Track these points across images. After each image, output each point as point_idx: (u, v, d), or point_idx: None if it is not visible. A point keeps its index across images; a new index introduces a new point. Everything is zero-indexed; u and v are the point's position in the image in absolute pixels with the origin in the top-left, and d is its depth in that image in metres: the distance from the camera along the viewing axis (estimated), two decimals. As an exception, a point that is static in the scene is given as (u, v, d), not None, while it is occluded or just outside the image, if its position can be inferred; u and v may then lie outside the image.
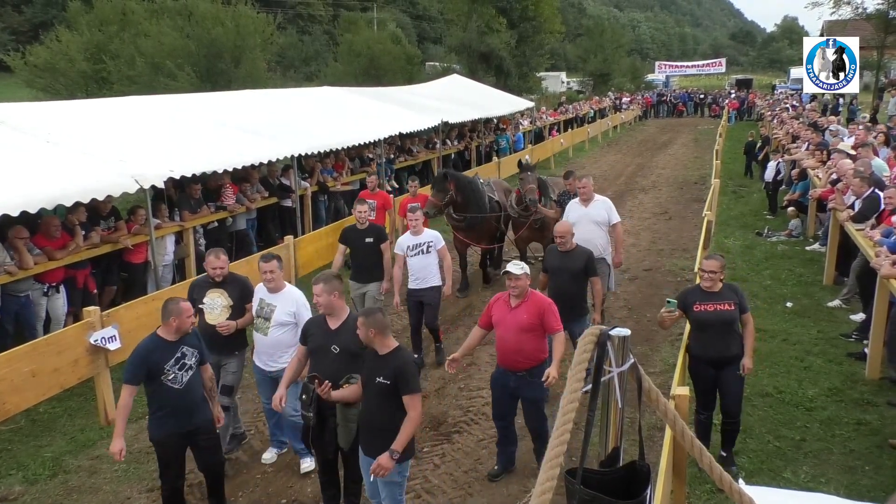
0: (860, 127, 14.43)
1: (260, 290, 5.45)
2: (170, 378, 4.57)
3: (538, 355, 5.18)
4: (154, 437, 4.71)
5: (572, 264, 6.43)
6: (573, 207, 7.93)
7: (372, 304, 7.12)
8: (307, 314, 5.28)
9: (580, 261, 6.43)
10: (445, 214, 9.66)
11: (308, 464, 5.53)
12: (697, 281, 5.42)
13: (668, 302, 5.12)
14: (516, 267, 5.16)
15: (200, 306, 5.43)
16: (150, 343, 4.63)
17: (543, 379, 4.99)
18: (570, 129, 27.66)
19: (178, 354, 4.61)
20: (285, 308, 5.31)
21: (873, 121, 20.34)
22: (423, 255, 7.30)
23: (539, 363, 5.18)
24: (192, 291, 5.64)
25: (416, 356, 6.65)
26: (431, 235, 7.41)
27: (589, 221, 7.67)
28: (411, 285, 7.36)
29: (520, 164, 9.76)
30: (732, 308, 5.12)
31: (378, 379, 4.16)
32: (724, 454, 5.32)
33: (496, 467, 5.58)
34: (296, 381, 4.86)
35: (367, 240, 7.52)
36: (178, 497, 4.88)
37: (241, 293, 5.56)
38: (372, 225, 7.66)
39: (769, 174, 14.84)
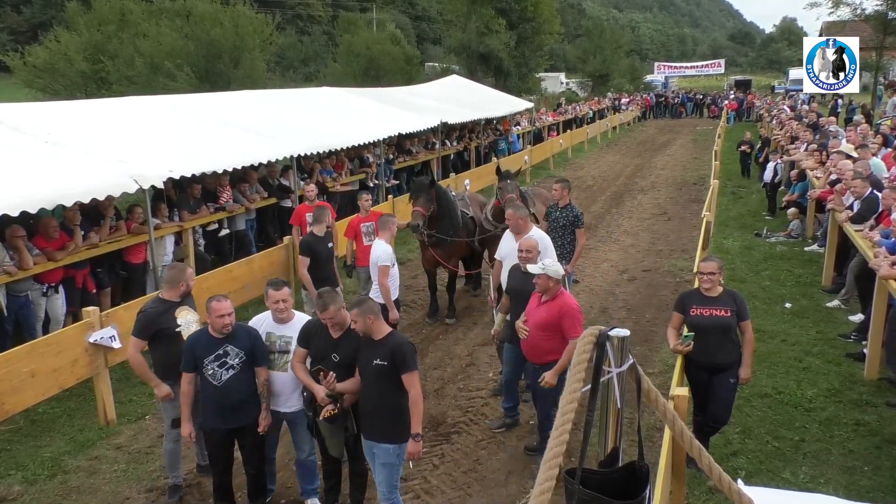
0: (858, 129, 14.45)
1: (265, 323, 4.89)
2: (208, 373, 4.60)
3: (553, 356, 5.18)
4: (201, 427, 4.75)
5: (532, 286, 5.61)
6: (506, 239, 6.94)
7: None
8: None
9: None
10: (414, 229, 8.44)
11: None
12: (696, 284, 5.40)
13: (686, 336, 5.04)
14: (536, 268, 5.28)
15: (178, 329, 5.03)
16: (197, 335, 4.72)
17: (539, 380, 5.17)
18: (569, 130, 27.67)
19: (220, 352, 4.60)
20: None
21: (868, 121, 20.32)
22: (396, 264, 7.36)
23: (553, 363, 5.20)
24: (154, 321, 5.01)
25: None
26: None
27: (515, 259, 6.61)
28: (396, 295, 7.12)
29: (498, 170, 8.71)
30: (729, 315, 5.05)
31: (376, 361, 4.29)
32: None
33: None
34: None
35: (329, 245, 7.70)
36: (224, 490, 4.88)
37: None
38: (327, 231, 7.76)
39: (768, 175, 14.86)
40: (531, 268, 5.37)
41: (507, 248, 6.80)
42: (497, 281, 6.97)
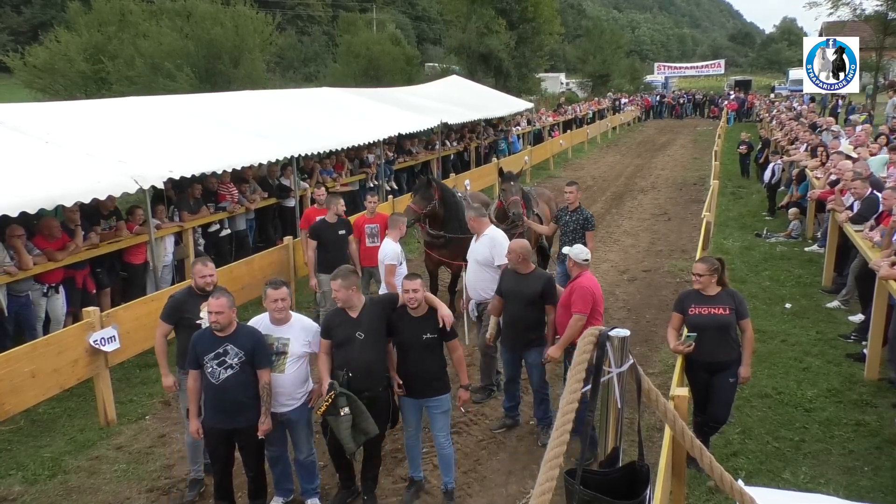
0: (857, 128, 14.45)
1: (262, 325, 4.89)
2: (207, 371, 4.62)
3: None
4: (203, 424, 4.77)
5: (529, 288, 5.70)
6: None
7: None
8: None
9: (537, 284, 5.71)
10: (422, 229, 8.56)
11: None
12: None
13: (687, 336, 5.05)
14: (566, 249, 5.86)
15: (199, 321, 5.04)
16: (200, 332, 4.75)
17: (543, 359, 5.66)
18: (569, 131, 27.66)
19: (220, 350, 4.60)
20: (300, 339, 4.88)
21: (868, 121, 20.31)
22: (405, 262, 7.39)
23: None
24: (179, 308, 5.15)
25: None
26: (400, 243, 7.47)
27: (473, 260, 6.73)
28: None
29: (501, 172, 8.75)
30: (728, 313, 5.06)
31: (425, 336, 4.89)
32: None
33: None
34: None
35: (340, 232, 8.12)
36: (224, 491, 4.88)
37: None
38: (340, 218, 8.17)
39: (768, 175, 14.86)
40: (564, 249, 5.92)
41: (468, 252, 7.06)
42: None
